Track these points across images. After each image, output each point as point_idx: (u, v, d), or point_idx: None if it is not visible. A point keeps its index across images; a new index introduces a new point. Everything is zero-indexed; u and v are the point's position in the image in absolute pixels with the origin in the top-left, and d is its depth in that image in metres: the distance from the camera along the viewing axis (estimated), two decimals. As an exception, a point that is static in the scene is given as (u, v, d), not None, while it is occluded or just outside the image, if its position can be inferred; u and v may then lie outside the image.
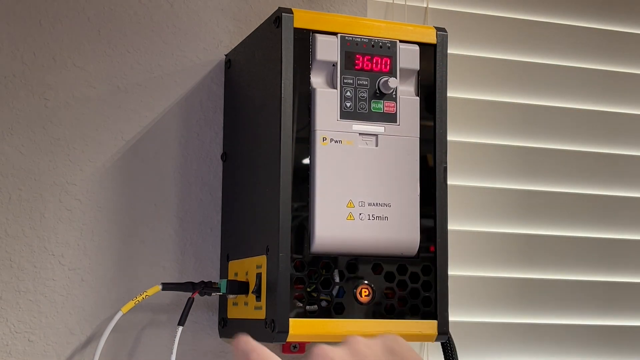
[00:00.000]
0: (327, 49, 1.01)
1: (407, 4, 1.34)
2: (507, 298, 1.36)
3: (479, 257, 1.36)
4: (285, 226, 0.97)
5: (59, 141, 1.14)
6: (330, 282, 0.99)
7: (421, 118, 1.04)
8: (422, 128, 1.04)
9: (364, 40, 1.02)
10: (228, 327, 1.14)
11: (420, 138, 1.04)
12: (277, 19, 1.00)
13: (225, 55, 1.22)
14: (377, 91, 1.02)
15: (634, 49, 1.49)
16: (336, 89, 1.00)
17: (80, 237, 1.14)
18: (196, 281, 1.09)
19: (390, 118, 1.02)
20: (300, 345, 1.21)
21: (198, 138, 1.20)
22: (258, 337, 1.04)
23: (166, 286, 1.08)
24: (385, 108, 1.02)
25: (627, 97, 1.48)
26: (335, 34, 1.01)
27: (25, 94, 1.13)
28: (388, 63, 1.03)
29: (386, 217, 1.00)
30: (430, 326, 1.02)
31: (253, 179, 1.07)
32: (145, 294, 1.06)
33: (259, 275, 1.01)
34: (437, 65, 1.07)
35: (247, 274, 1.06)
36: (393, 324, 1.01)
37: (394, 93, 1.03)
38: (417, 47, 1.05)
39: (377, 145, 1.01)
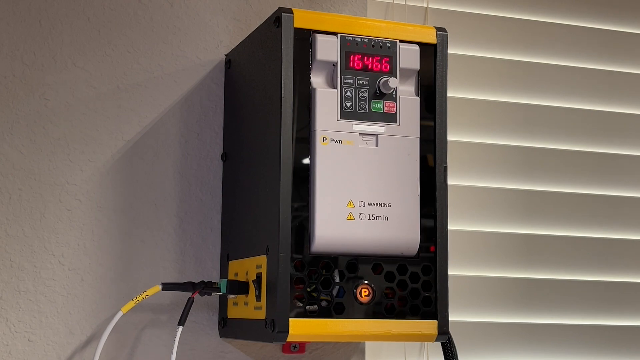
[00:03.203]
0: (327, 49, 1.01)
1: (407, 4, 1.34)
2: (507, 298, 1.36)
3: (479, 257, 1.36)
4: (285, 226, 0.97)
5: (59, 141, 1.14)
6: (330, 282, 0.99)
7: (421, 118, 1.04)
8: (422, 128, 1.04)
9: (364, 40, 1.02)
10: (228, 327, 1.14)
11: (420, 138, 1.04)
12: (277, 19, 1.00)
13: (225, 55, 1.22)
14: (377, 91, 1.02)
15: (634, 48, 1.49)
16: (336, 89, 1.00)
17: (80, 237, 1.14)
18: (196, 281, 1.09)
19: (390, 118, 1.02)
20: (300, 345, 1.21)
21: (198, 138, 1.20)
22: (258, 337, 1.04)
23: (166, 286, 1.08)
24: (385, 108, 1.02)
25: (627, 97, 1.48)
26: (335, 34, 1.01)
27: (25, 94, 1.13)
28: (388, 63, 1.03)
29: (386, 217, 1.00)
30: (430, 326, 1.02)
31: (253, 179, 1.07)
32: (145, 294, 1.06)
33: (259, 275, 1.01)
34: (437, 65, 1.07)
35: (247, 274, 1.06)
36: (393, 324, 1.01)
37: (394, 93, 1.03)
38: (417, 47, 1.05)
39: (377, 145, 1.01)
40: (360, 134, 1.01)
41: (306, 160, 0.99)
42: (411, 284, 1.02)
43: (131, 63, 1.18)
